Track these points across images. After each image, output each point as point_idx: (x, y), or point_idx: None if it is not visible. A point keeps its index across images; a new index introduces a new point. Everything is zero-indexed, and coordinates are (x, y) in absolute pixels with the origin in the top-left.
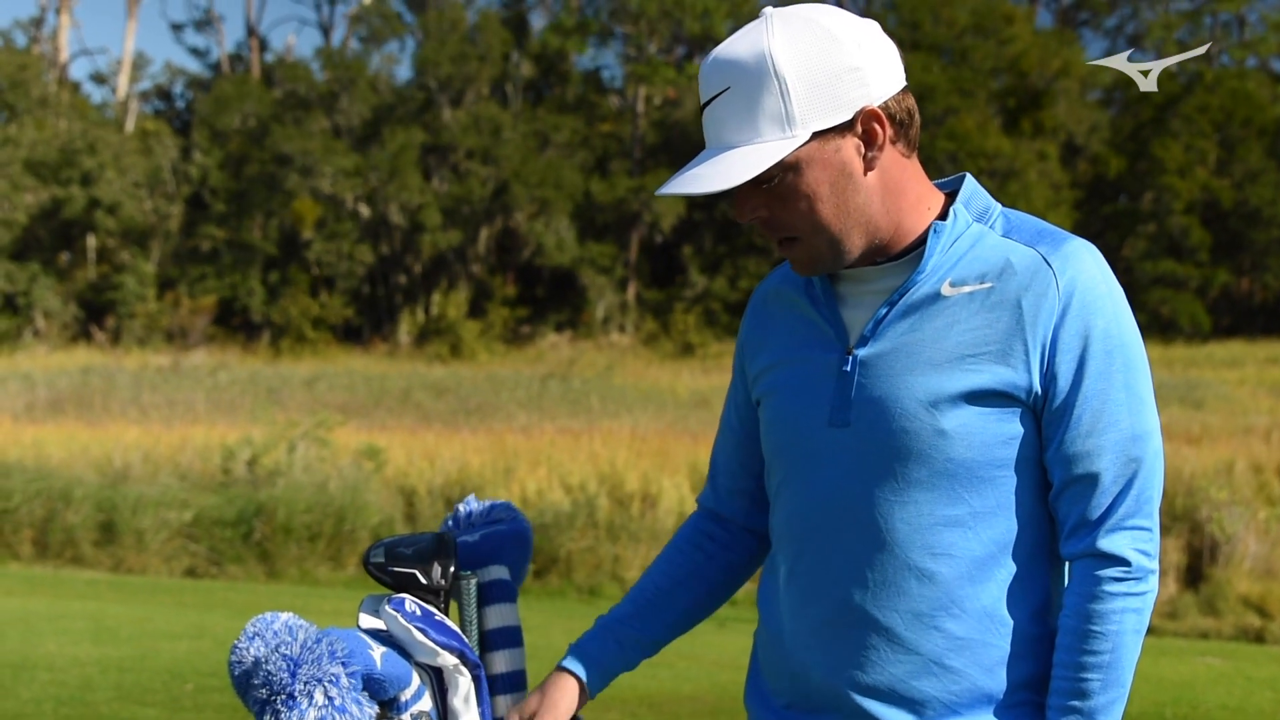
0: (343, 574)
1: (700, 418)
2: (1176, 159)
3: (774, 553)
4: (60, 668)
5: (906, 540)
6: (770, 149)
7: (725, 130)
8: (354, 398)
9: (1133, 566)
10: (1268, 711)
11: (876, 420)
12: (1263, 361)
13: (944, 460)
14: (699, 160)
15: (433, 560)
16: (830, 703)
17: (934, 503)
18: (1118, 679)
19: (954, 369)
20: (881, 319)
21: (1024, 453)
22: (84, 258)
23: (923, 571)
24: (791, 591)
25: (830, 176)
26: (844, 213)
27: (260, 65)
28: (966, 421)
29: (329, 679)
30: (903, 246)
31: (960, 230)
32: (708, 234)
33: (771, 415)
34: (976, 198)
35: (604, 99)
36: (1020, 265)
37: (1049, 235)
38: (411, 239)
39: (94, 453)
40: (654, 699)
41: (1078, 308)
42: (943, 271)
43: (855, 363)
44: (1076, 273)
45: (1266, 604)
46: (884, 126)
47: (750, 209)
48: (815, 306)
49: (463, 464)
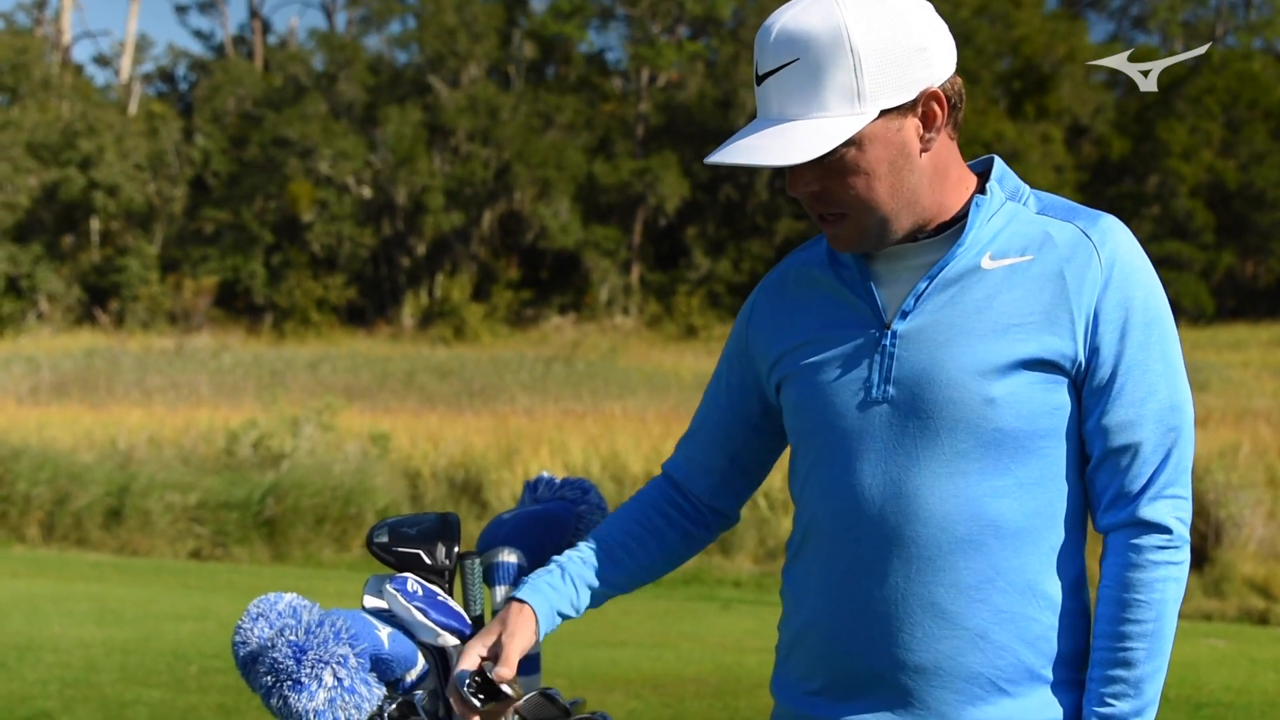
0: (348, 556)
1: None
2: (1181, 141)
3: (802, 537)
4: (65, 649)
5: (955, 512)
6: (840, 124)
7: (790, 102)
8: (358, 380)
9: (1174, 534)
10: (1271, 693)
11: (920, 393)
12: (1267, 344)
13: (992, 430)
14: (755, 130)
15: (436, 540)
16: (871, 685)
17: (981, 473)
18: (1161, 648)
19: (1000, 338)
20: (922, 293)
21: (1066, 423)
22: (87, 240)
23: (971, 544)
24: (829, 574)
25: (890, 155)
26: (898, 192)
27: (263, 47)
28: (1015, 390)
29: (336, 660)
30: (939, 224)
31: (996, 206)
32: (711, 216)
33: (801, 396)
34: (1007, 178)
35: (607, 80)
36: (1060, 239)
37: (1083, 211)
38: (414, 220)
39: (99, 436)
40: (658, 680)
41: (1119, 280)
42: (981, 245)
43: (894, 337)
44: (1116, 246)
45: (1271, 586)
46: (943, 108)
47: (805, 183)
48: (846, 285)
49: (466, 446)
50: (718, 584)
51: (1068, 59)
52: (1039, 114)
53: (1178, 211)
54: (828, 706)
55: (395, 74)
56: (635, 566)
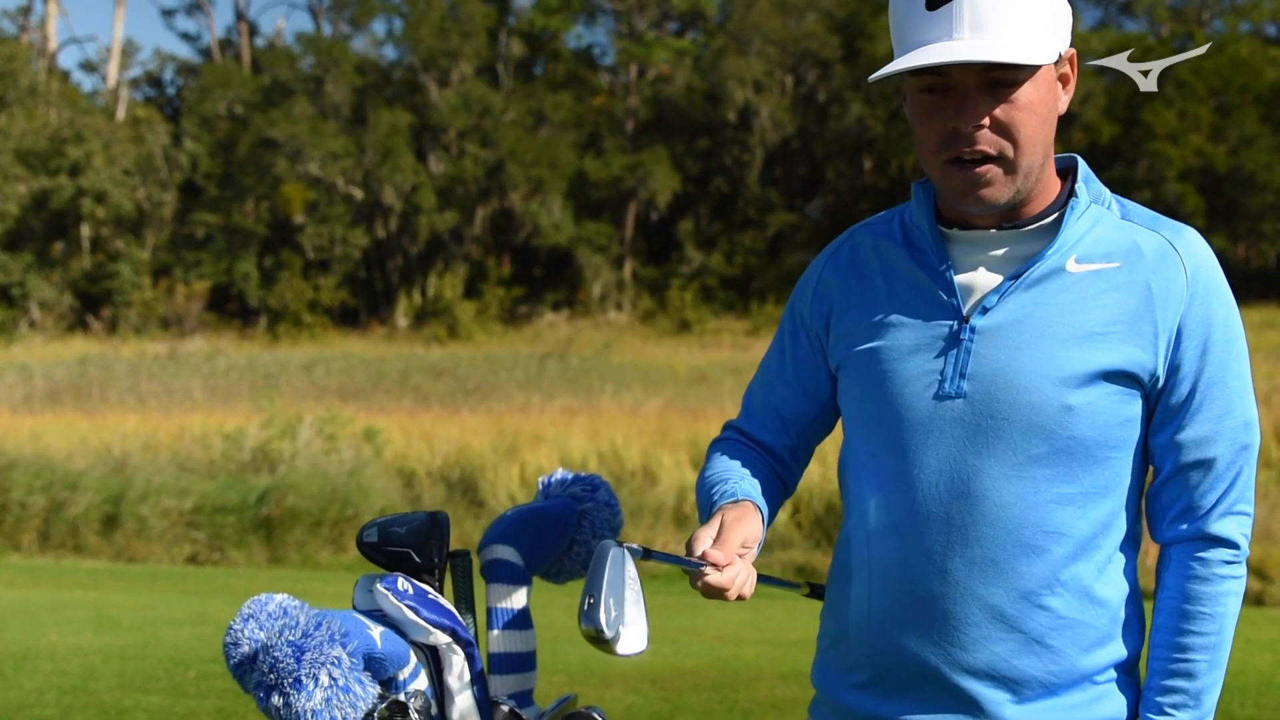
0: (345, 558)
1: (699, 394)
2: (1170, 126)
3: (854, 527)
4: (62, 657)
5: (1021, 517)
6: (1046, 44)
7: (990, 19)
8: (352, 381)
9: (1239, 550)
10: (1267, 673)
11: (997, 393)
12: (1258, 326)
13: (1067, 437)
14: (947, 40)
15: (426, 539)
16: (922, 680)
17: (1051, 480)
18: (1220, 660)
19: (1083, 346)
20: (1006, 290)
21: (1135, 436)
22: (78, 247)
23: (1034, 549)
24: (887, 567)
25: (1050, 102)
26: (1045, 143)
27: (250, 50)
28: (1093, 400)
29: (331, 661)
30: (1029, 215)
31: (1082, 209)
32: (703, 210)
33: (867, 382)
34: (1091, 180)
35: (595, 75)
36: (1148, 248)
37: (1166, 222)
38: (407, 221)
39: (93, 443)
40: (656, 674)
41: (1204, 295)
42: (1068, 247)
43: (973, 332)
44: (1201, 260)
45: (1265, 567)
46: (1074, 74)
47: (980, 113)
48: (922, 268)
49: (462, 445)
50: None
51: None
52: None
53: (1168, 196)
54: (875, 701)
55: (384, 74)
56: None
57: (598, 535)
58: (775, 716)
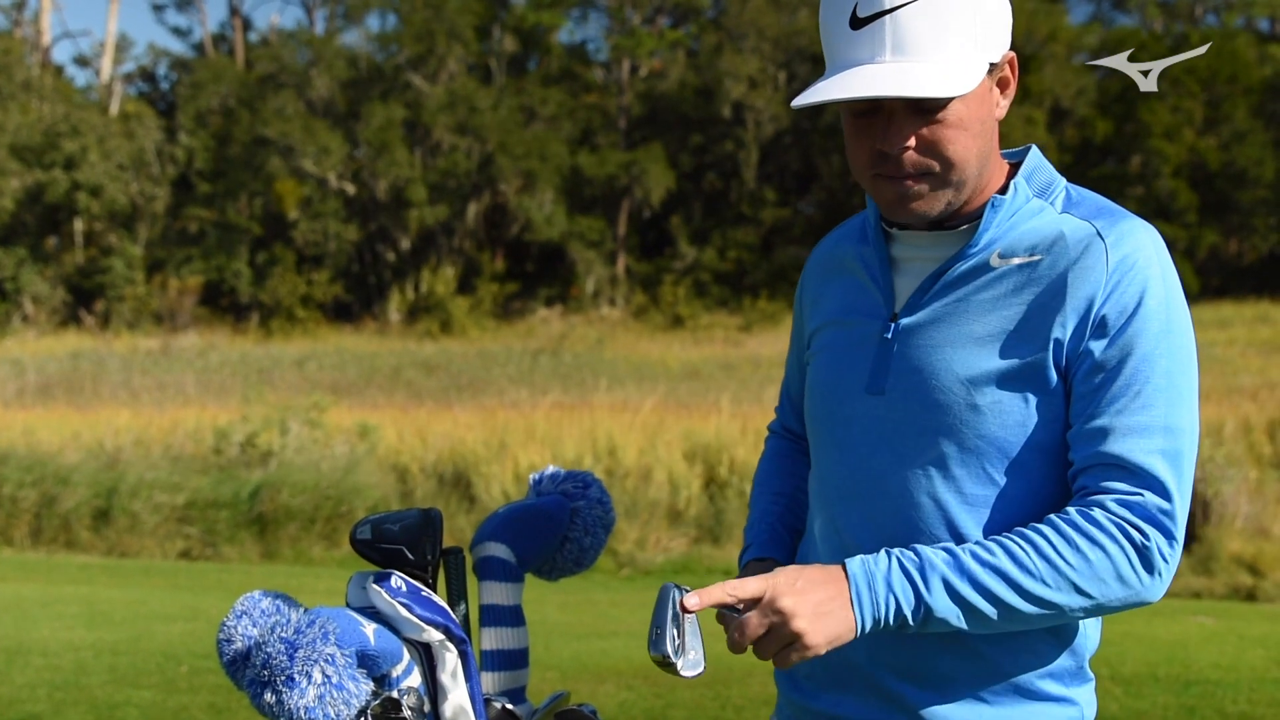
0: (337, 553)
1: (692, 389)
2: (1163, 121)
3: (810, 519)
4: (54, 652)
5: (931, 515)
6: (970, 66)
7: (912, 41)
8: (345, 377)
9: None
10: (1259, 669)
11: (912, 391)
12: (1251, 321)
13: (975, 437)
14: (863, 67)
15: (419, 536)
16: (852, 677)
17: (961, 479)
18: (1030, 589)
19: (994, 344)
20: (928, 289)
21: (1056, 436)
22: (71, 242)
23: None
24: (822, 556)
25: (982, 114)
26: (979, 154)
27: (244, 45)
28: (1000, 399)
29: (325, 658)
30: (969, 212)
31: (1019, 205)
32: (696, 205)
33: (814, 378)
34: (1040, 171)
35: (588, 71)
36: (1072, 238)
37: (1109, 211)
38: (398, 215)
39: (85, 437)
40: (649, 671)
41: (1128, 286)
42: (991, 244)
43: (897, 330)
44: (1131, 251)
45: (1258, 563)
46: (1014, 77)
47: (905, 136)
48: (867, 268)
49: (455, 441)
50: (708, 573)
51: (1049, 40)
52: (1021, 96)
53: (1161, 191)
54: (811, 692)
55: (376, 69)
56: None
57: (590, 533)
58: (767, 713)
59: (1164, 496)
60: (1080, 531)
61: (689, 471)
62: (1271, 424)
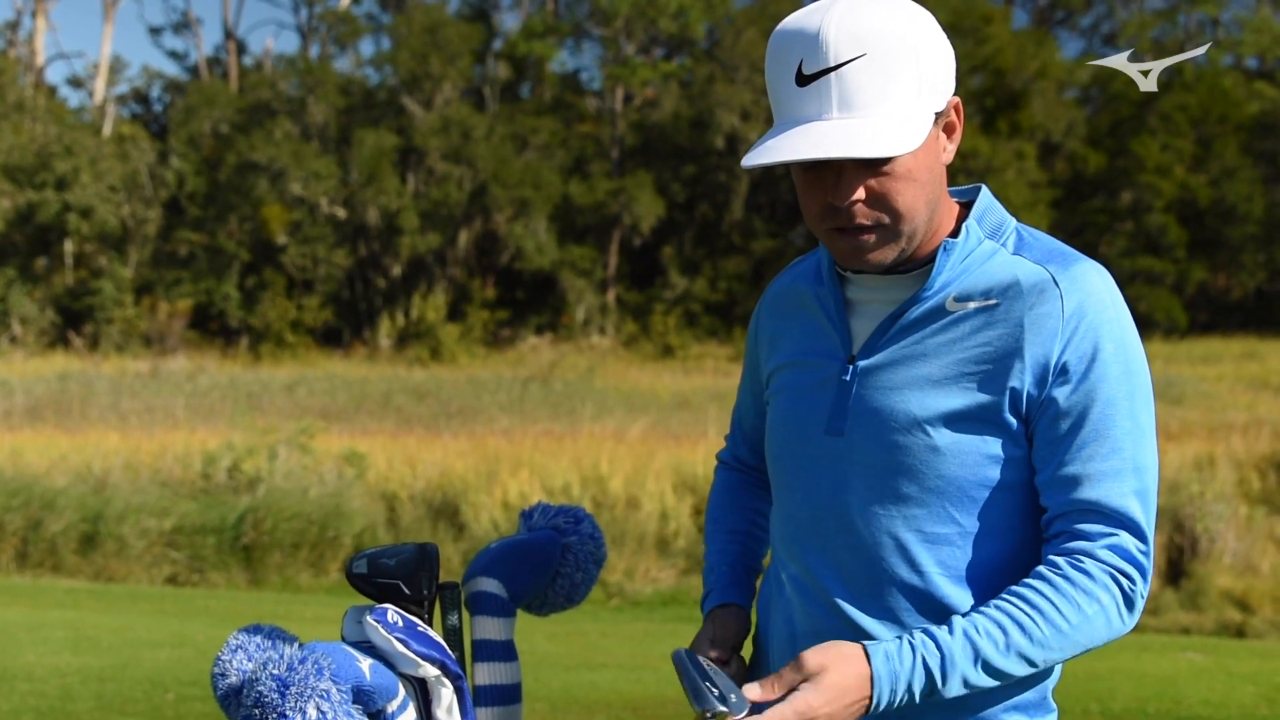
0: (325, 580)
1: (681, 419)
2: (1154, 157)
3: (774, 557)
4: (40, 678)
5: (893, 554)
6: (915, 120)
7: (858, 97)
8: (334, 402)
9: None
10: (1249, 706)
11: (870, 432)
12: (1239, 357)
13: (935, 477)
14: (809, 125)
15: (415, 571)
16: None
17: (922, 519)
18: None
19: (951, 386)
20: (885, 330)
21: (1018, 475)
22: (61, 263)
23: (907, 586)
24: (788, 597)
25: (929, 162)
26: (928, 203)
27: (238, 69)
28: (959, 440)
29: (320, 694)
30: (923, 255)
31: (971, 247)
32: (687, 235)
33: (774, 418)
34: (991, 213)
35: (581, 100)
36: (1027, 283)
37: (1060, 255)
38: (389, 241)
39: (73, 460)
40: (638, 703)
41: (1086, 331)
42: (945, 287)
43: (855, 372)
44: (1087, 295)
45: (1248, 599)
46: (960, 121)
47: (854, 189)
48: (823, 309)
49: (445, 468)
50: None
51: (1039, 75)
52: (1012, 131)
53: (1151, 227)
54: None
55: (368, 95)
56: (763, 547)
57: (582, 568)
58: None
59: (1140, 537)
60: (1079, 588)
61: (678, 502)
62: (1260, 460)
